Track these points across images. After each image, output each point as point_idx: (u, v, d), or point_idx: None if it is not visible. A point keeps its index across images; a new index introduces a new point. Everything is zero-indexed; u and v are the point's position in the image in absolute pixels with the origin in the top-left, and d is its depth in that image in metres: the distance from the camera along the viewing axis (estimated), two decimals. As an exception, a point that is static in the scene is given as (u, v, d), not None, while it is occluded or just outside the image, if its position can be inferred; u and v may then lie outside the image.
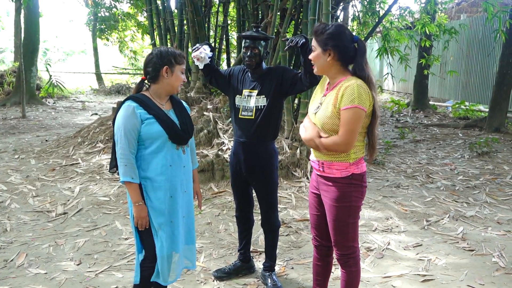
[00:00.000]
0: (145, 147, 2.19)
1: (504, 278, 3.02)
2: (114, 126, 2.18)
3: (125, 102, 2.19)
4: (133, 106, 2.15)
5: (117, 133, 2.15)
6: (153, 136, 2.16)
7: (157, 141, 2.18)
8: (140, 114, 2.15)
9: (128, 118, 2.12)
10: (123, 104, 2.19)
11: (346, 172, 2.10)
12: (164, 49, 2.23)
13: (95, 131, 6.51)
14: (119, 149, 2.12)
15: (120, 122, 2.14)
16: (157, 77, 2.21)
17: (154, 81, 2.23)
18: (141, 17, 15.62)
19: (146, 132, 2.15)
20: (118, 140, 2.13)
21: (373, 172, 5.61)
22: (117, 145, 2.14)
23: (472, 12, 15.02)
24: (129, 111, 2.13)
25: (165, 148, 2.20)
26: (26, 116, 10.30)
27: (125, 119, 2.12)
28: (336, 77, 2.11)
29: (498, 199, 4.65)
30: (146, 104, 2.18)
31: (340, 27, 2.09)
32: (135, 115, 2.13)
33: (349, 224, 2.15)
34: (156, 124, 2.16)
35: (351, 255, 2.21)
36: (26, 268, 3.11)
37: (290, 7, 5.88)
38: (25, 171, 5.47)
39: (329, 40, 2.04)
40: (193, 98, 6.32)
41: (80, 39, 32.46)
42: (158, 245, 2.20)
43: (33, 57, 12.80)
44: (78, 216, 4.11)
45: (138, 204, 2.15)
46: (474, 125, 8.99)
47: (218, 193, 4.60)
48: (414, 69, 11.92)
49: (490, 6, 6.14)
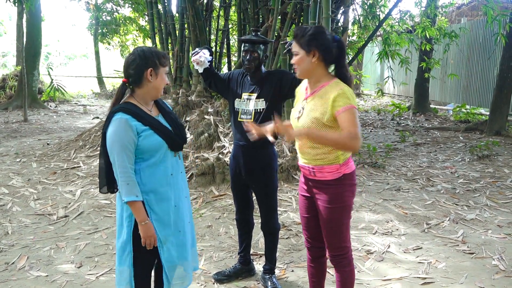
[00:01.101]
0: (144, 160, 2.04)
1: (504, 281, 3.02)
2: (107, 142, 1.99)
3: (116, 115, 1.98)
4: (125, 118, 1.97)
5: (112, 150, 1.97)
6: (153, 148, 2.03)
7: (158, 153, 2.05)
8: (135, 126, 1.98)
9: (124, 132, 1.95)
10: (114, 117, 1.98)
11: (337, 174, 2.12)
12: (146, 49, 2.07)
13: (96, 135, 6.53)
14: (118, 167, 1.95)
15: (114, 137, 1.96)
16: (141, 81, 2.04)
17: (137, 85, 2.05)
18: (143, 21, 15.68)
19: (145, 145, 2.00)
20: (116, 157, 1.95)
21: (373, 175, 5.62)
22: (114, 164, 1.97)
23: (473, 15, 15.03)
24: (123, 124, 1.96)
25: (165, 157, 2.08)
26: (28, 119, 10.34)
27: (120, 134, 1.95)
28: (320, 80, 2.12)
29: (498, 202, 4.65)
30: (139, 115, 2.01)
31: (320, 28, 2.12)
32: (130, 128, 1.96)
33: (342, 225, 2.18)
34: (154, 135, 2.02)
35: (344, 255, 2.23)
36: (27, 270, 3.13)
37: (290, 11, 5.91)
38: (26, 174, 5.49)
39: (312, 41, 2.06)
40: (194, 102, 6.34)
41: (82, 43, 32.58)
42: (165, 256, 2.10)
43: (35, 61, 12.86)
44: (79, 219, 4.12)
45: (144, 223, 2.00)
46: (474, 128, 8.99)
47: (218, 196, 4.62)
48: (415, 72, 11.94)
49: (490, 9, 6.17)
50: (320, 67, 2.10)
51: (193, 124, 5.87)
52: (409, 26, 9.82)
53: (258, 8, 6.52)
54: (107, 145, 1.99)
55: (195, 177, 4.85)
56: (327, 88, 2.08)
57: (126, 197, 1.96)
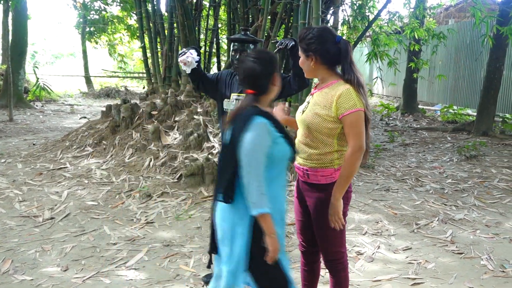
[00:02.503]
0: (268, 169, 1.85)
1: (493, 281, 3.04)
2: (244, 147, 1.79)
3: (255, 118, 1.82)
4: (265, 122, 1.82)
5: (250, 156, 1.79)
6: (282, 158, 1.89)
7: (283, 162, 1.91)
8: (272, 132, 1.84)
9: (265, 137, 1.81)
10: (254, 121, 1.82)
11: (331, 179, 2.09)
12: (263, 53, 1.96)
13: (83, 135, 6.44)
14: (255, 175, 1.78)
15: (255, 143, 1.79)
16: (268, 88, 1.93)
17: (266, 93, 1.94)
18: (131, 20, 15.56)
19: (276, 153, 1.85)
20: (253, 164, 1.78)
21: (363, 175, 5.63)
22: (248, 171, 1.79)
23: (460, 17, 15.23)
24: (265, 129, 1.81)
25: (285, 168, 1.95)
26: (13, 119, 10.15)
27: (262, 139, 1.80)
28: (326, 79, 2.12)
29: (486, 202, 4.69)
30: (275, 121, 1.88)
31: (322, 31, 2.09)
32: (269, 134, 1.82)
33: (335, 231, 2.13)
34: (285, 144, 1.88)
35: (339, 260, 2.21)
36: (12, 274, 3.05)
37: (280, 11, 5.90)
38: (11, 175, 5.38)
39: (310, 45, 2.06)
40: (183, 102, 6.29)
41: (69, 41, 32.21)
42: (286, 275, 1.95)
43: (21, 60, 12.66)
44: (66, 221, 4.05)
45: (274, 236, 1.82)
46: (462, 129, 9.09)
47: (208, 197, 4.57)
48: (403, 73, 12.04)
49: (478, 11, 6.22)
50: (322, 68, 2.09)
51: (182, 124, 5.82)
52: (398, 27, 9.89)
53: (247, 7, 6.50)
54: (244, 150, 1.80)
55: (184, 178, 4.80)
56: (332, 86, 2.06)
57: (260, 208, 1.78)
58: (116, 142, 5.81)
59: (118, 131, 6.08)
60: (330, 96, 2.03)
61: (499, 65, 8.56)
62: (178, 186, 4.77)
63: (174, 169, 5.05)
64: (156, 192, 4.62)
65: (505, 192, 5.03)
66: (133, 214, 4.18)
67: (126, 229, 3.85)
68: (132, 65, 23.89)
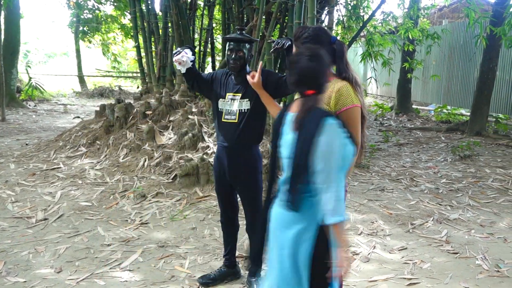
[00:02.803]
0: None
1: (488, 280, 3.04)
2: (321, 150, 1.69)
3: (327, 119, 1.72)
4: (335, 123, 1.73)
5: (328, 160, 1.68)
6: (351, 158, 1.79)
7: (349, 164, 1.80)
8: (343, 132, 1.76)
9: (340, 140, 1.73)
10: (326, 122, 1.71)
11: None
12: (315, 49, 1.82)
13: (77, 135, 6.38)
14: (334, 180, 1.67)
15: (333, 145, 1.69)
16: (326, 86, 1.83)
17: (324, 91, 1.84)
18: (125, 19, 15.47)
19: (348, 153, 1.74)
20: (332, 169, 1.68)
21: (358, 175, 5.63)
22: (327, 177, 1.68)
23: (454, 17, 15.32)
24: (339, 130, 1.72)
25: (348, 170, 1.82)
26: (5, 119, 10.05)
27: (338, 142, 1.71)
28: None
29: (480, 202, 4.71)
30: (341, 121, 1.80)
31: (317, 30, 2.09)
32: (342, 135, 1.74)
33: None
34: (351, 143, 1.77)
35: None
36: (4, 276, 3.01)
37: (275, 10, 5.89)
38: (4, 176, 5.32)
39: (305, 44, 2.04)
40: (177, 102, 6.25)
41: (62, 41, 31.97)
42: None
43: (13, 59, 12.54)
44: (59, 222, 4.01)
45: (346, 248, 1.72)
46: (456, 129, 9.13)
47: (203, 197, 4.55)
48: (398, 73, 12.08)
49: (472, 12, 6.24)
50: None
51: (177, 124, 5.78)
52: (392, 27, 9.91)
53: (242, 7, 6.48)
54: (320, 155, 1.69)
55: (179, 178, 4.78)
56: (330, 83, 2.04)
57: (339, 216, 1.67)
58: (110, 142, 5.76)
59: (112, 131, 6.03)
60: (329, 92, 2.02)
61: (492, 65, 8.62)
62: (172, 186, 4.74)
63: (169, 169, 5.02)
64: (150, 192, 4.59)
65: (499, 192, 5.06)
66: (127, 214, 4.15)
67: (120, 230, 3.81)
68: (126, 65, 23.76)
